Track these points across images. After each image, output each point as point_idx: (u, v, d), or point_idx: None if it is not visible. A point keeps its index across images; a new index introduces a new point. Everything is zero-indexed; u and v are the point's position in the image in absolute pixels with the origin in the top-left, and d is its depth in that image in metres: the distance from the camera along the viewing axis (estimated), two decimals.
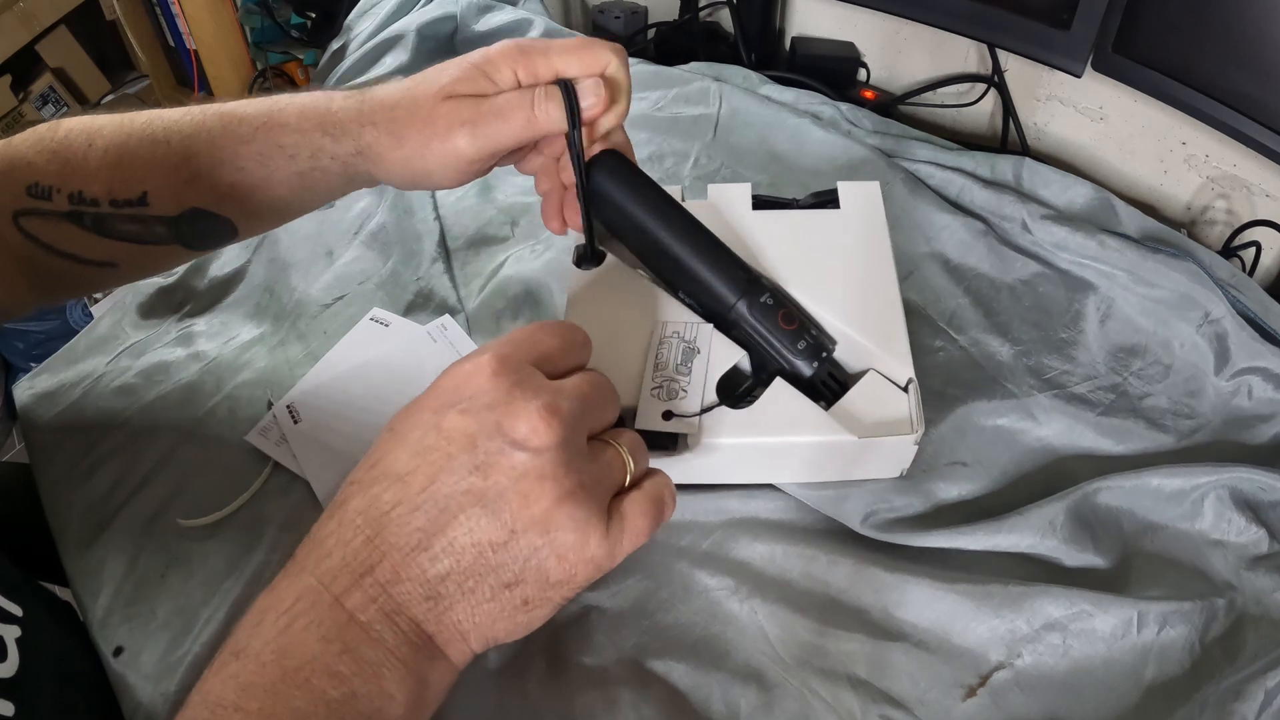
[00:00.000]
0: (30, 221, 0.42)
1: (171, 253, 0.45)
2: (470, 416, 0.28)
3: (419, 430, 0.29)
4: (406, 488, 0.28)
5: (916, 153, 0.69)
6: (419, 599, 0.28)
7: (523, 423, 0.28)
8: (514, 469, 0.28)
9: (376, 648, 0.28)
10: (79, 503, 0.50)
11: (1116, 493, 0.45)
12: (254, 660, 0.27)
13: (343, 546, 0.28)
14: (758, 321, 0.42)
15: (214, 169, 0.41)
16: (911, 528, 0.44)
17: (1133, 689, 0.39)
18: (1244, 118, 0.55)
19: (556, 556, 0.29)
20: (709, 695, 0.39)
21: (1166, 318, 0.56)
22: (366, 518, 0.28)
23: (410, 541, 0.28)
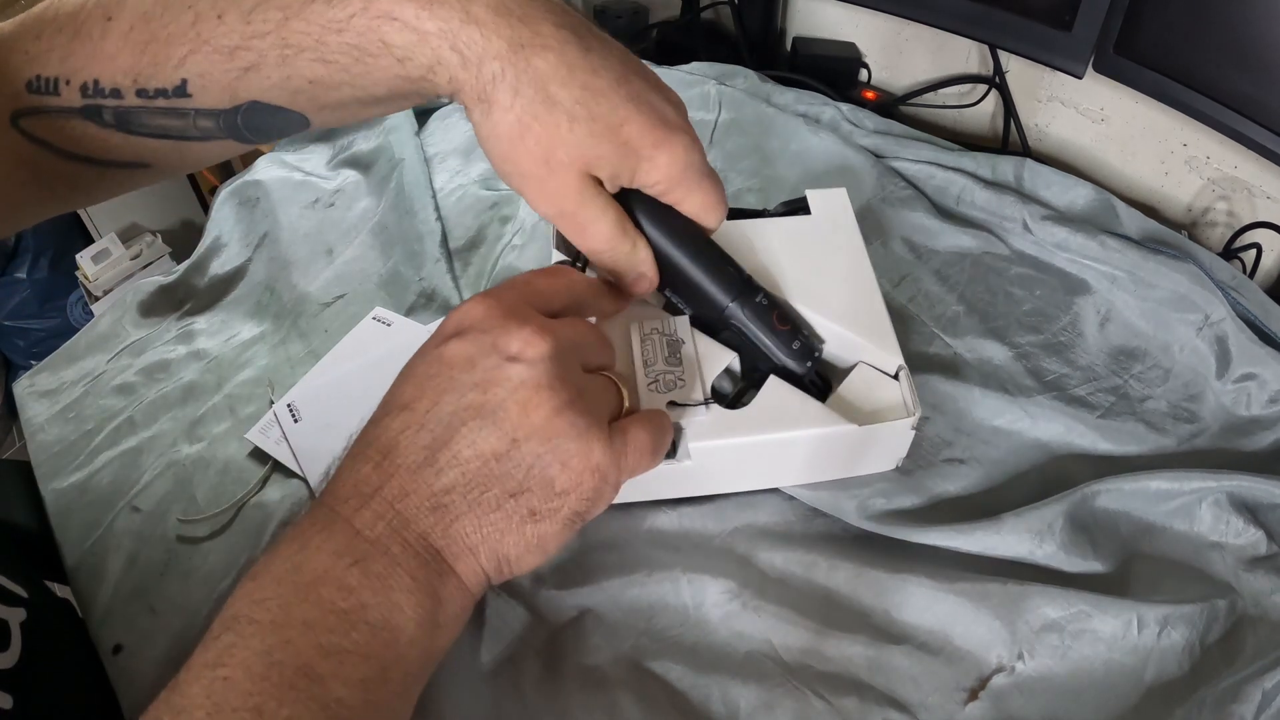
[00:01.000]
0: (34, 122, 0.35)
1: (221, 146, 0.37)
2: (468, 340, 0.30)
3: (423, 363, 0.31)
4: (412, 413, 0.30)
5: (917, 153, 0.69)
6: (425, 511, 0.29)
7: (515, 339, 0.30)
8: (510, 380, 0.29)
9: (383, 560, 0.28)
10: (79, 500, 0.50)
11: (1115, 495, 0.45)
12: (268, 578, 0.28)
13: (353, 473, 0.30)
14: (752, 322, 0.42)
15: (288, 57, 0.32)
16: (908, 521, 0.44)
17: (1133, 691, 0.39)
18: (1245, 119, 0.55)
19: (560, 464, 0.30)
20: (708, 696, 0.39)
21: (1167, 320, 0.56)
22: (376, 446, 0.30)
23: (416, 459, 0.29)
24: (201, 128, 0.35)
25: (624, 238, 0.37)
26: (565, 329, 0.32)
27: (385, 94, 0.35)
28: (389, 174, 0.73)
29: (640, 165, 0.35)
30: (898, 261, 0.61)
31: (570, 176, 0.34)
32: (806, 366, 0.42)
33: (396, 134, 0.77)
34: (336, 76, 0.33)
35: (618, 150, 0.34)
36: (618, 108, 0.33)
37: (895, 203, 0.65)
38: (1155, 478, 0.45)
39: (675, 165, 0.35)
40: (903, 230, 0.64)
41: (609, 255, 0.37)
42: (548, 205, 0.36)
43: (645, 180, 0.36)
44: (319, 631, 0.27)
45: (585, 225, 0.36)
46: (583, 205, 0.35)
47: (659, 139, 0.34)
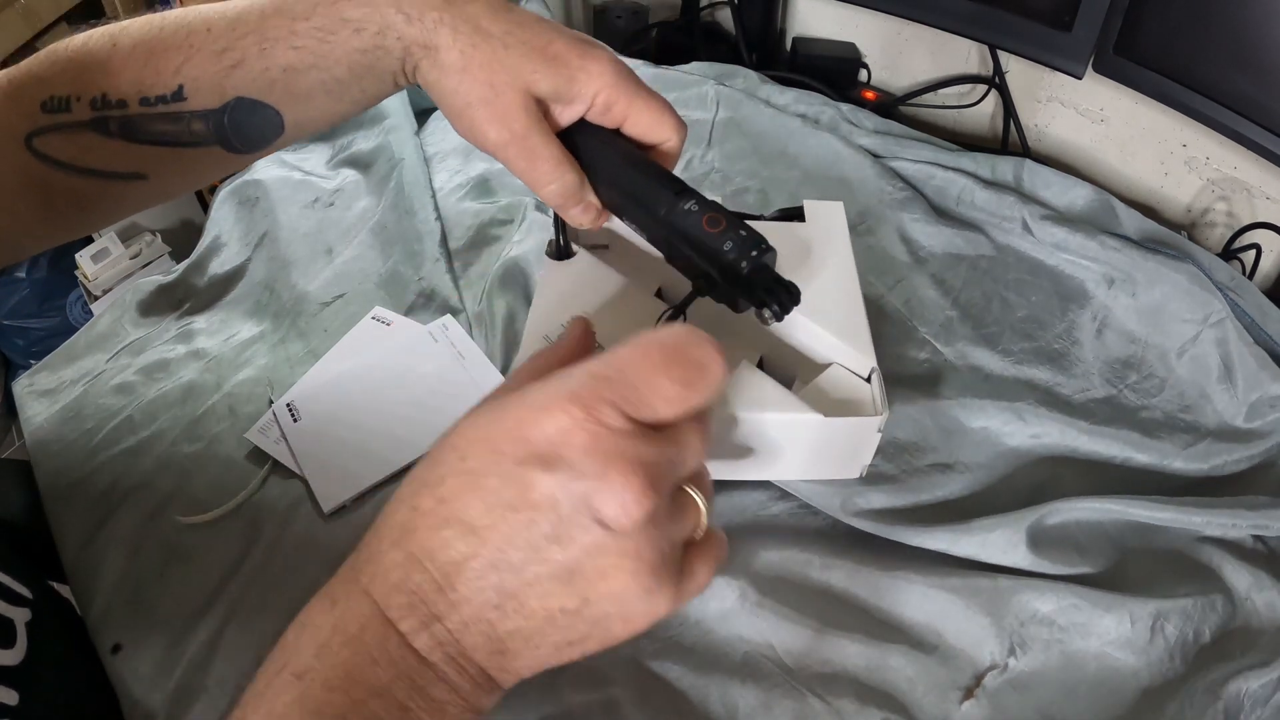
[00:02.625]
0: (47, 140, 0.38)
1: (210, 156, 0.41)
2: (558, 482, 0.26)
3: (498, 479, 0.27)
4: (482, 544, 0.27)
5: (917, 153, 0.69)
6: (486, 651, 0.28)
7: (614, 503, 0.26)
8: (595, 545, 0.27)
9: (445, 688, 0.28)
10: (78, 500, 0.50)
11: (1094, 511, 0.45)
12: (320, 685, 0.27)
13: (410, 585, 0.28)
14: (684, 228, 0.40)
15: (265, 49, 0.38)
16: (897, 521, 0.45)
17: (1126, 686, 0.39)
18: (1245, 120, 0.55)
19: (623, 620, 0.29)
20: (707, 696, 0.39)
21: (1165, 325, 0.55)
22: (436, 563, 0.27)
23: (482, 598, 0.27)
24: (195, 131, 0.39)
25: (570, 166, 0.40)
26: (673, 455, 0.28)
27: (346, 72, 0.40)
28: (389, 174, 0.73)
29: (575, 76, 0.39)
30: (894, 264, 0.61)
31: (514, 95, 0.39)
32: (745, 266, 0.39)
33: (396, 134, 0.77)
34: (305, 60, 0.39)
35: (549, 65, 0.38)
36: (541, 33, 0.39)
37: (893, 204, 0.65)
38: (1143, 507, 0.44)
39: (607, 73, 0.39)
40: (901, 231, 0.64)
41: (558, 184, 0.40)
42: (497, 130, 0.39)
43: (583, 92, 0.39)
44: None
45: (535, 150, 0.39)
46: (530, 129, 0.39)
47: (584, 51, 0.39)
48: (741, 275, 0.39)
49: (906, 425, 0.50)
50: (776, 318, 0.40)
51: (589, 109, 0.40)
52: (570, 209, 0.42)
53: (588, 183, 0.41)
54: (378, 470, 0.50)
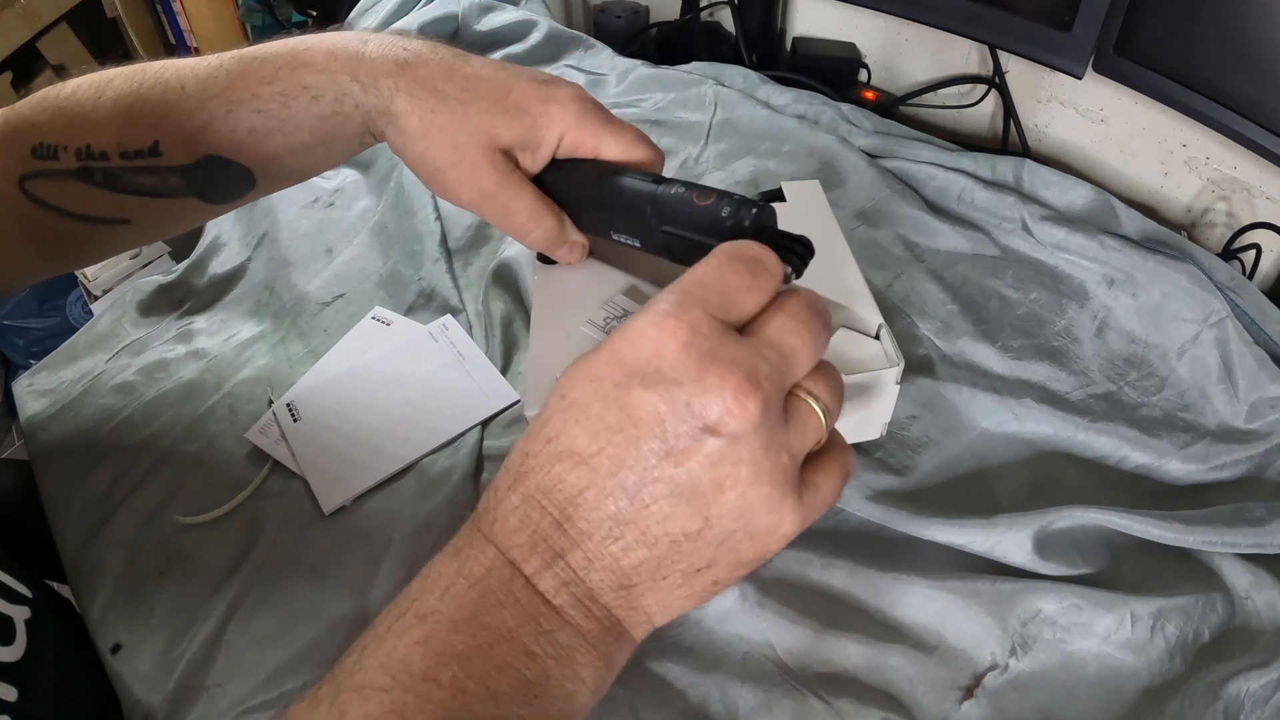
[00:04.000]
0: (37, 185, 0.40)
1: (188, 206, 0.43)
2: (658, 394, 0.26)
3: (600, 403, 0.27)
4: (594, 472, 0.26)
5: (917, 153, 0.69)
6: (611, 587, 0.27)
7: (716, 404, 0.25)
8: (708, 456, 0.26)
9: (571, 632, 0.27)
10: (78, 500, 0.50)
11: (1102, 521, 0.44)
12: (445, 626, 0.26)
13: (530, 525, 0.27)
14: (676, 212, 0.38)
15: (231, 112, 0.40)
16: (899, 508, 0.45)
17: (1126, 686, 0.39)
18: (1245, 120, 0.55)
19: (750, 538, 0.27)
20: (707, 696, 0.39)
21: (1165, 324, 0.55)
22: (552, 499, 0.27)
23: (602, 530, 0.27)
24: (171, 184, 0.41)
25: (547, 211, 0.41)
26: (773, 353, 0.27)
27: (309, 137, 0.41)
28: (388, 173, 0.73)
29: (537, 123, 0.39)
30: (894, 261, 0.61)
31: (480, 154, 0.39)
32: (745, 226, 0.37)
33: None
34: (269, 123, 0.40)
35: (510, 116, 0.39)
36: (499, 84, 0.39)
37: (893, 203, 0.65)
38: (1143, 521, 0.43)
39: (569, 114, 0.39)
40: (900, 231, 0.64)
41: (538, 232, 0.41)
42: (469, 190, 0.40)
43: (548, 136, 0.40)
44: (503, 701, 0.26)
45: (507, 204, 0.40)
46: (501, 185, 0.39)
47: (545, 94, 0.39)
48: (748, 237, 0.37)
49: (907, 423, 0.50)
50: (796, 272, 0.38)
51: (557, 150, 0.40)
52: (555, 251, 0.43)
53: (568, 221, 0.42)
54: (378, 470, 0.50)
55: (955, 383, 0.52)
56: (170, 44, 1.66)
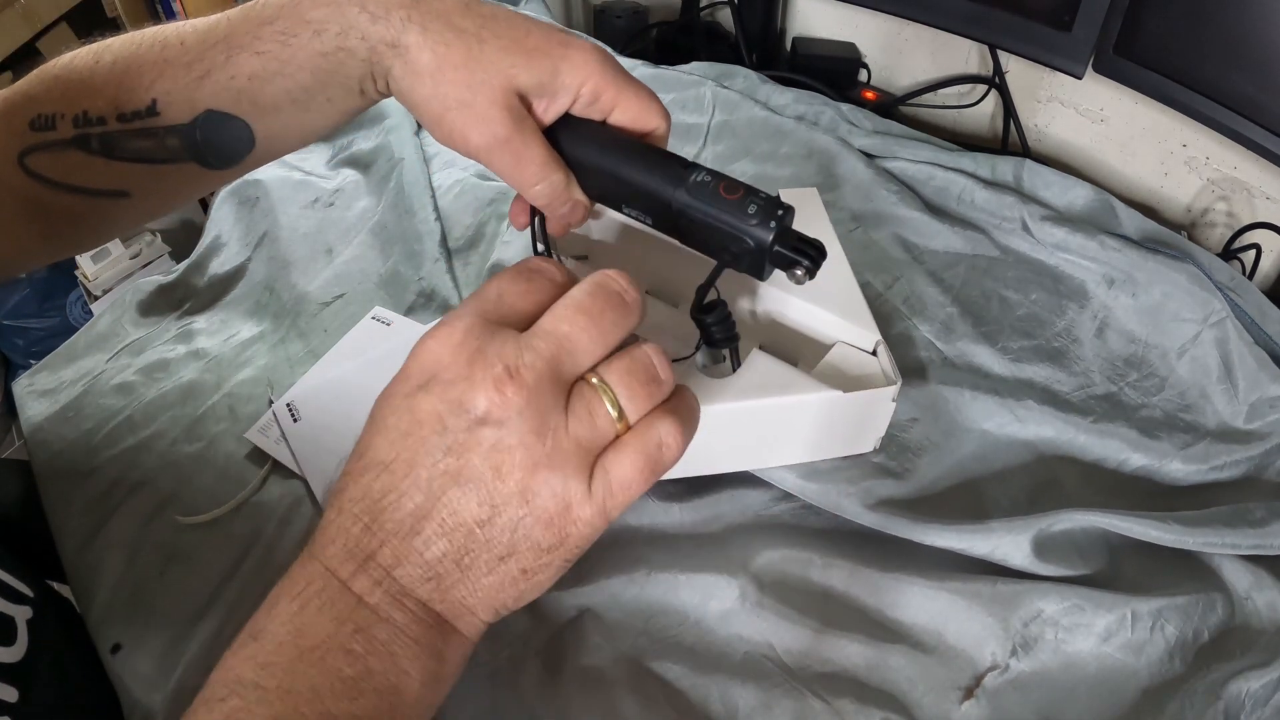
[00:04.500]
0: (36, 159, 0.39)
1: (186, 173, 0.41)
2: (436, 397, 0.28)
3: (394, 415, 0.29)
4: (392, 475, 0.29)
5: (917, 153, 0.69)
6: (420, 580, 0.29)
7: (481, 396, 0.28)
8: (481, 444, 0.28)
9: (387, 627, 0.29)
10: (78, 500, 0.50)
11: (1103, 523, 0.44)
12: (271, 640, 0.28)
13: (344, 533, 0.29)
14: (701, 201, 0.38)
15: (230, 57, 0.37)
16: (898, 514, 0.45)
17: (1126, 686, 0.39)
18: (1245, 120, 0.55)
19: (542, 524, 0.29)
20: (707, 696, 0.39)
21: (1165, 324, 0.55)
22: (362, 506, 0.29)
23: (404, 527, 0.28)
24: (169, 147, 0.39)
25: (557, 165, 0.39)
26: (541, 345, 0.29)
27: (310, 79, 0.38)
28: (388, 173, 0.73)
29: (559, 67, 0.37)
30: (893, 263, 0.61)
31: (496, 94, 0.36)
32: (771, 227, 0.38)
33: (396, 134, 0.77)
34: (269, 66, 0.37)
35: (530, 57, 0.36)
36: (518, 25, 0.37)
37: (892, 204, 0.65)
38: (1143, 523, 0.43)
39: (591, 62, 0.37)
40: (899, 231, 0.64)
41: (545, 184, 0.39)
42: (480, 133, 0.37)
43: (569, 83, 0.37)
44: (326, 699, 0.27)
45: (520, 152, 0.37)
46: (516, 129, 0.37)
47: (565, 40, 0.37)
48: (769, 238, 0.38)
49: (908, 425, 0.50)
50: (809, 275, 0.38)
51: (574, 101, 0.38)
52: (558, 209, 0.40)
53: (574, 180, 0.40)
54: None
55: (956, 385, 0.52)
56: None
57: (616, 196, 0.41)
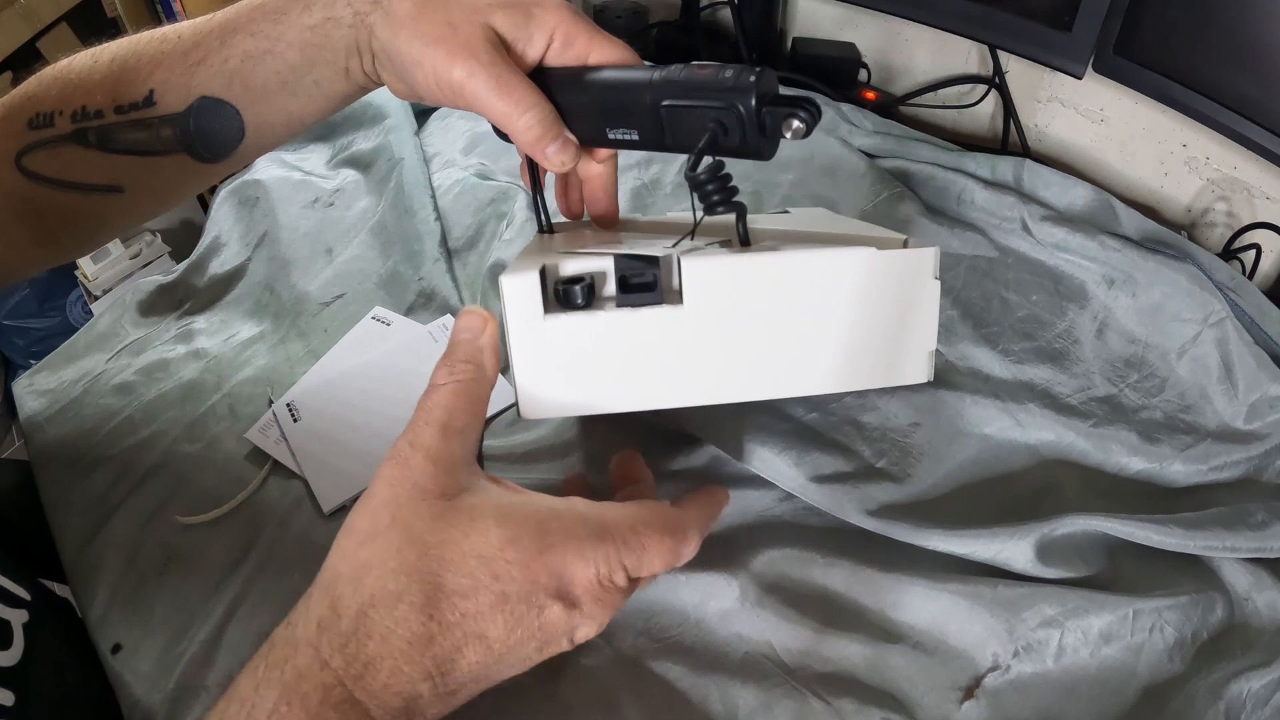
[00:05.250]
0: (33, 158, 0.41)
1: (179, 165, 0.42)
2: (566, 617, 0.31)
3: (524, 605, 0.31)
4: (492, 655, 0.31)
5: (917, 154, 0.69)
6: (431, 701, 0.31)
7: (585, 629, 0.32)
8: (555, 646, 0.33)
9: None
10: (78, 500, 0.50)
11: (1104, 527, 0.44)
12: None
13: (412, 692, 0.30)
14: (678, 85, 0.38)
15: (225, 40, 0.40)
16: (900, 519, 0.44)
17: (1126, 687, 0.39)
18: (1245, 120, 0.55)
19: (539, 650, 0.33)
20: (707, 697, 0.39)
21: (1165, 325, 0.55)
22: (449, 676, 0.31)
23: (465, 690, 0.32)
24: (163, 138, 0.41)
25: (541, 96, 0.39)
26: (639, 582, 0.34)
27: (299, 56, 0.40)
28: (388, 173, 0.73)
29: (532, 13, 0.39)
30: None
31: (475, 29, 0.38)
32: (750, 82, 0.36)
33: (396, 134, 0.77)
34: (260, 45, 0.40)
35: (505, 4, 0.38)
36: None
37: (893, 204, 0.65)
38: (1143, 527, 0.43)
39: (561, 8, 0.39)
40: (899, 229, 0.64)
41: (534, 112, 0.39)
42: (463, 62, 0.37)
43: (542, 27, 0.39)
44: None
45: (504, 78, 0.38)
46: (498, 56, 0.38)
47: None
48: (752, 94, 0.36)
49: (910, 430, 0.50)
50: (809, 125, 0.37)
51: (548, 47, 0.39)
52: (548, 144, 0.40)
53: (560, 119, 0.40)
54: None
55: (957, 389, 0.52)
56: None
57: (601, 122, 0.40)
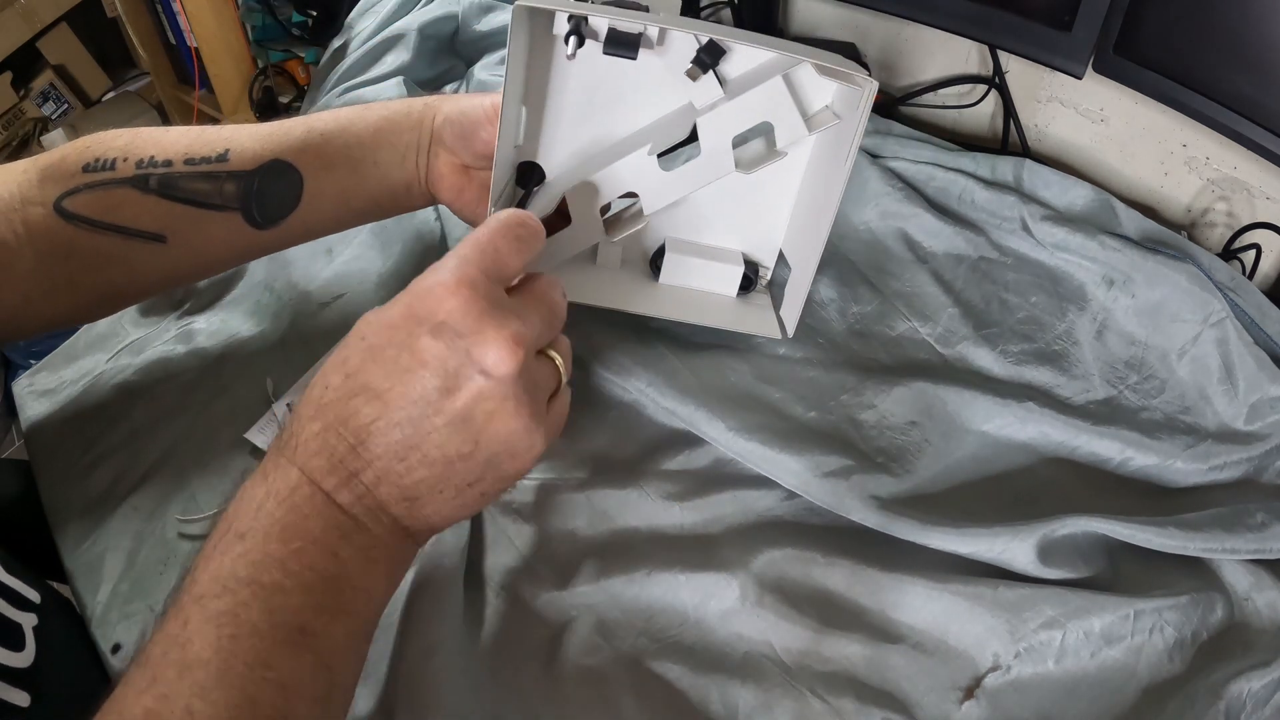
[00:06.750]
0: (77, 198, 0.42)
1: (229, 225, 0.45)
2: (444, 342, 0.31)
3: (394, 349, 0.32)
4: (384, 404, 0.31)
5: (917, 153, 0.69)
6: (397, 500, 0.32)
7: (491, 353, 0.31)
8: (479, 393, 0.32)
9: (367, 538, 0.32)
10: (78, 500, 0.50)
11: (1104, 529, 0.44)
12: (260, 538, 0.30)
13: (329, 449, 0.31)
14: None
15: (309, 121, 0.46)
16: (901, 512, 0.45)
17: (1126, 687, 0.39)
18: (1245, 120, 0.55)
19: (511, 458, 0.33)
20: (707, 696, 0.39)
21: (1165, 325, 0.55)
22: (349, 428, 0.31)
23: (390, 453, 0.31)
24: (225, 192, 0.44)
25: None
26: (534, 317, 0.34)
27: (370, 135, 0.47)
28: None
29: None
30: (895, 267, 0.61)
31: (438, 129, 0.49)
32: None
33: None
34: (339, 122, 0.46)
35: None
36: None
37: (893, 205, 0.65)
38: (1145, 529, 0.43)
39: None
40: (901, 233, 0.64)
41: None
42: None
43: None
44: (316, 594, 0.30)
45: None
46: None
47: None
48: None
49: (907, 428, 0.50)
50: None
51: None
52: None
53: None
54: None
55: (956, 387, 0.52)
56: (170, 43, 1.66)
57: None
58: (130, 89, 1.87)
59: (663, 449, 0.50)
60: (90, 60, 1.81)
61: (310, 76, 1.28)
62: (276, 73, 1.33)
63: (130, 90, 1.87)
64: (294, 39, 1.29)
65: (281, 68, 1.33)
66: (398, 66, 0.80)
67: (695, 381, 0.51)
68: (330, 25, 1.15)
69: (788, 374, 0.54)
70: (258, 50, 1.35)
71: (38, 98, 1.74)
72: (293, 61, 1.32)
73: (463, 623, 0.42)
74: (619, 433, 0.51)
